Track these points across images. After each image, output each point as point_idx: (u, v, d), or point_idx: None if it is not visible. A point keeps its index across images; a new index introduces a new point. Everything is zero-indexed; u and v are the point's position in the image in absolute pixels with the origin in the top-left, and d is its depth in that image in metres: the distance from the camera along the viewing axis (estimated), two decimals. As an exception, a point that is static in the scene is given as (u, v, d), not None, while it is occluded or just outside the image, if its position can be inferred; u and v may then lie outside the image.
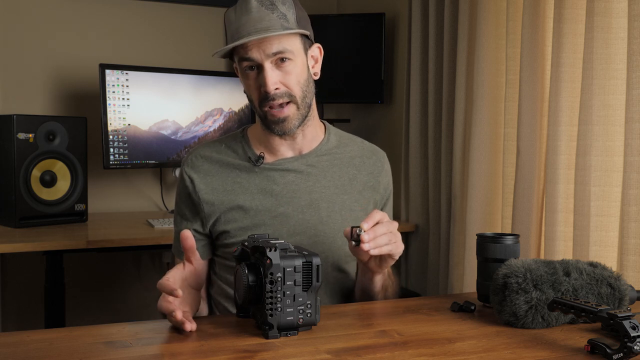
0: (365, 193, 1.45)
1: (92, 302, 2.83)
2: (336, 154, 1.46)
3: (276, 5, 1.31)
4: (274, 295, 1.00)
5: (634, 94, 1.61)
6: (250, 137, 1.45)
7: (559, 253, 1.85)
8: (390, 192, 1.52)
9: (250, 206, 1.37)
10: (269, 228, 1.36)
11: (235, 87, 2.81)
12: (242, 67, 1.34)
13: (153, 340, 1.03)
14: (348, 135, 1.52)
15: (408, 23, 2.65)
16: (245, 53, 1.31)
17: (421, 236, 2.62)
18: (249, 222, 1.37)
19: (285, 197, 1.39)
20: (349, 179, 1.44)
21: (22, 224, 2.27)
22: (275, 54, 1.30)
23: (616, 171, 1.72)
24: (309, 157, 1.42)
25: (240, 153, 1.43)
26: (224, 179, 1.40)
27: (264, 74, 1.30)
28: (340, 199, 1.42)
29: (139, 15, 2.90)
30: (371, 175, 1.47)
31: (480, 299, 1.25)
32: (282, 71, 1.32)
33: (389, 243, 1.18)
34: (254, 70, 1.33)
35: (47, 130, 2.32)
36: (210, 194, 1.39)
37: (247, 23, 1.29)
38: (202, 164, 1.42)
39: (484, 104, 2.18)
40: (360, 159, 1.48)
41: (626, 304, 1.14)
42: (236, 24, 1.31)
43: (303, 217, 1.38)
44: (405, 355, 0.96)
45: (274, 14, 1.31)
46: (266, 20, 1.30)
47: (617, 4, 1.70)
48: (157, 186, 2.92)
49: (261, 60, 1.30)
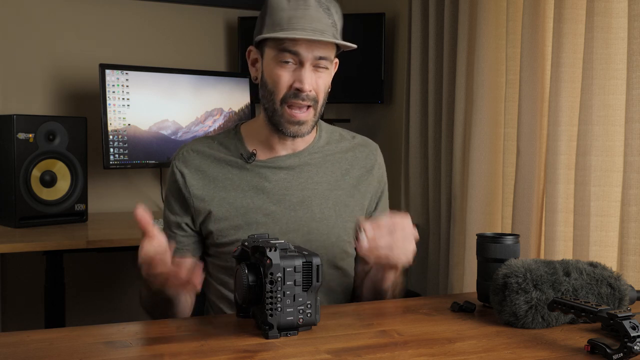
0: (360, 187, 1.46)
1: (92, 302, 2.82)
2: (328, 150, 1.46)
3: (331, 12, 1.33)
4: (274, 295, 1.00)
5: (634, 94, 1.61)
6: (243, 134, 1.44)
7: (559, 253, 1.85)
8: (384, 184, 1.52)
9: (241, 204, 1.37)
10: (261, 226, 1.36)
11: (235, 87, 2.81)
12: (278, 57, 1.31)
13: (153, 340, 1.03)
14: (339, 130, 1.52)
15: (408, 23, 2.65)
16: (293, 46, 1.29)
17: (421, 236, 2.59)
18: (240, 221, 1.36)
19: (277, 195, 1.38)
20: (342, 174, 1.44)
21: (22, 224, 2.27)
22: (320, 59, 1.31)
23: (616, 171, 1.72)
24: (301, 154, 1.42)
25: (232, 150, 1.42)
26: (215, 175, 1.39)
27: (304, 72, 1.30)
28: (334, 195, 1.42)
29: (139, 15, 2.90)
30: (364, 169, 1.47)
31: (480, 299, 1.25)
32: (317, 76, 1.32)
33: (387, 257, 1.19)
34: (290, 64, 1.31)
35: (47, 130, 2.32)
36: (200, 190, 1.38)
37: (304, 18, 1.28)
38: (193, 159, 1.41)
39: (484, 104, 2.18)
40: (353, 153, 1.48)
41: (626, 304, 1.14)
42: (289, 13, 1.29)
43: (295, 214, 1.38)
44: (405, 355, 0.96)
45: (329, 19, 1.32)
46: (323, 23, 1.30)
47: (617, 4, 1.70)
48: (157, 186, 2.92)
49: (306, 59, 1.30)
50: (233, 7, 3.05)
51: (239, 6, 3.05)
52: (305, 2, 1.30)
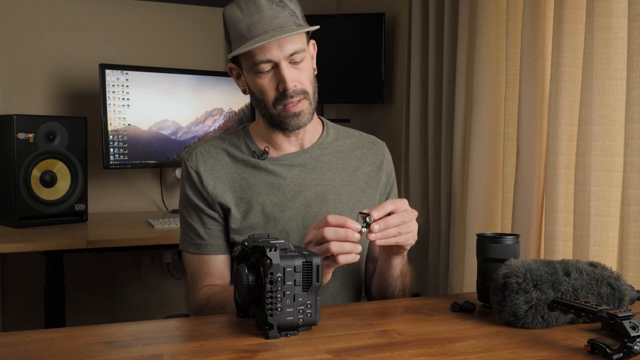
0: (371, 183, 1.47)
1: (92, 302, 2.83)
2: (337, 146, 1.47)
3: (285, 2, 1.31)
4: (274, 295, 1.00)
5: (634, 94, 1.61)
6: (252, 133, 1.45)
7: (559, 253, 1.85)
8: (393, 179, 1.54)
9: (257, 202, 1.37)
10: (279, 223, 1.36)
11: (235, 87, 2.81)
12: (255, 68, 1.31)
13: (153, 340, 1.03)
14: (345, 129, 1.54)
15: (408, 23, 2.65)
16: (262, 54, 1.29)
17: (421, 236, 2.60)
18: (258, 219, 1.37)
19: (293, 192, 1.39)
20: (353, 170, 1.46)
21: (22, 224, 2.27)
22: (292, 54, 1.30)
23: (616, 171, 1.72)
24: (312, 151, 1.43)
25: (243, 149, 1.42)
26: (230, 175, 1.40)
27: (282, 72, 1.30)
28: (347, 191, 1.43)
29: (139, 15, 2.91)
30: (374, 165, 1.49)
31: (480, 299, 1.25)
32: (297, 69, 1.32)
33: (398, 235, 1.17)
34: (267, 71, 1.31)
35: (47, 130, 2.32)
36: (218, 189, 1.38)
37: (261, 21, 1.28)
38: (207, 159, 1.41)
39: (484, 104, 2.18)
40: (362, 150, 1.49)
41: (626, 304, 1.14)
42: (247, 22, 1.29)
43: (311, 210, 1.39)
44: (405, 355, 0.96)
45: (285, 10, 1.30)
46: (280, 18, 1.29)
47: (617, 4, 1.70)
48: (157, 186, 2.92)
49: (279, 59, 1.29)
50: (233, 7, 3.05)
51: (239, 6, 3.05)
52: (256, 5, 1.29)
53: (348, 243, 1.12)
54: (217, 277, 1.38)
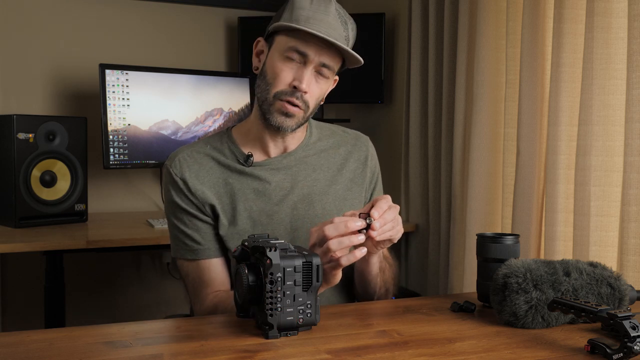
0: (357, 180, 1.47)
1: (92, 302, 2.82)
2: (321, 146, 1.47)
3: (348, 27, 1.35)
4: (274, 295, 1.00)
5: (634, 94, 1.61)
6: (236, 136, 1.43)
7: (559, 253, 1.85)
8: (378, 174, 1.53)
9: (245, 208, 1.37)
10: (267, 228, 1.36)
11: (235, 87, 2.81)
12: (285, 52, 1.31)
13: (153, 340, 1.03)
14: (328, 126, 1.54)
15: (408, 23, 2.65)
16: (303, 45, 1.29)
17: (421, 236, 2.62)
18: (245, 225, 1.36)
19: (279, 196, 1.39)
20: (338, 169, 1.46)
21: (22, 224, 2.27)
22: (323, 66, 1.32)
23: (616, 171, 1.72)
24: (295, 153, 1.43)
25: (227, 153, 1.41)
26: (216, 179, 1.38)
27: (305, 73, 1.30)
28: (333, 190, 1.43)
29: (139, 15, 2.90)
30: (359, 162, 1.49)
31: (480, 299, 1.25)
32: (316, 82, 1.33)
33: (392, 229, 1.18)
34: (294, 62, 1.31)
35: (47, 130, 2.32)
36: (206, 193, 1.37)
37: (322, 22, 1.30)
38: (192, 165, 1.38)
39: (484, 104, 2.18)
40: (345, 147, 1.49)
41: (626, 304, 1.14)
42: (309, 13, 1.30)
43: (298, 212, 1.39)
44: (405, 355, 0.96)
45: (344, 32, 1.34)
46: (337, 33, 1.31)
47: (617, 4, 1.70)
48: (157, 186, 2.92)
49: (312, 60, 1.30)
50: (233, 7, 3.05)
51: (239, 6, 3.06)
52: (326, 8, 1.31)
53: (347, 238, 1.11)
54: (220, 283, 1.37)
